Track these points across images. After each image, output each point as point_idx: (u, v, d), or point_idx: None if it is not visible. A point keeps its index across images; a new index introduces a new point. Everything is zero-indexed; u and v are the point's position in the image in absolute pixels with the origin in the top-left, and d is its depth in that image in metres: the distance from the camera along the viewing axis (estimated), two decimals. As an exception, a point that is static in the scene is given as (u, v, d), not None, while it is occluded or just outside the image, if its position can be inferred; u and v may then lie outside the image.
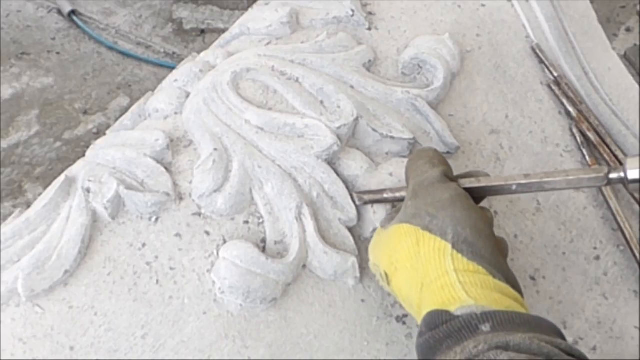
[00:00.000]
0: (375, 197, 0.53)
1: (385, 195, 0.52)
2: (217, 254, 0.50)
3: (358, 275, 0.51)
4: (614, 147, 0.64)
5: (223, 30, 0.76)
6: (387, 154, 0.57)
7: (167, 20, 1.58)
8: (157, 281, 0.50)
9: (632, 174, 0.44)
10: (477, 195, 0.49)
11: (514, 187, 0.48)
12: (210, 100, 0.55)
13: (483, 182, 0.49)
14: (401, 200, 0.51)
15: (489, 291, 0.41)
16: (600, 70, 0.70)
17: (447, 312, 0.40)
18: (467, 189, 0.48)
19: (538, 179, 0.47)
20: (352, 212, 0.53)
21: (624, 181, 0.44)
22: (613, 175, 0.45)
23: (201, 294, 0.50)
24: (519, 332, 0.38)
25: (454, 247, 0.43)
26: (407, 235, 0.45)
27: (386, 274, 0.47)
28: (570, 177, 0.46)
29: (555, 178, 0.47)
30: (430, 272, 0.43)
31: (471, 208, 0.45)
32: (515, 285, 0.43)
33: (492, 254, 0.43)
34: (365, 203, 0.53)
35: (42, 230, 0.50)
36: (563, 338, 0.41)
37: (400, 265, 0.45)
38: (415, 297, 0.44)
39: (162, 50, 1.51)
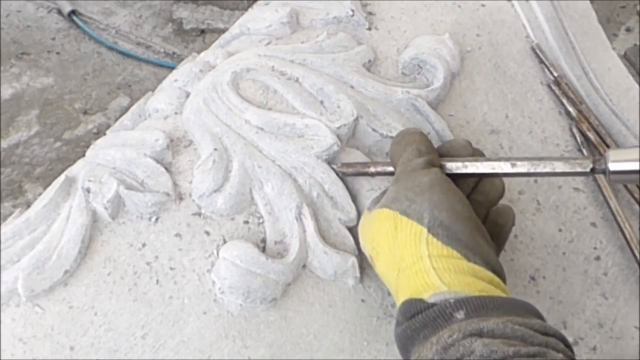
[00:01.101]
0: (358, 170, 0.53)
1: (370, 169, 0.52)
2: (217, 254, 0.50)
3: (358, 275, 0.51)
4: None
5: (223, 30, 0.76)
6: (387, 154, 0.57)
7: (167, 20, 1.58)
8: (157, 281, 0.50)
9: (613, 166, 0.44)
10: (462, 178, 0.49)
11: (499, 174, 0.48)
12: (210, 100, 0.55)
13: (469, 169, 0.48)
14: (383, 174, 0.51)
15: (462, 275, 0.41)
16: (600, 70, 0.70)
17: (421, 301, 0.41)
18: (451, 175, 0.48)
19: (525, 169, 0.47)
20: (352, 212, 0.53)
21: (605, 172, 0.45)
22: (596, 167, 0.45)
23: (201, 294, 0.50)
24: (492, 317, 0.38)
25: (429, 231, 0.43)
26: (387, 219, 0.45)
27: (370, 257, 0.48)
28: (557, 170, 0.46)
29: (542, 169, 0.47)
30: (406, 257, 0.43)
31: (450, 191, 0.45)
32: (494, 267, 0.44)
33: (470, 235, 0.43)
34: (346, 175, 0.53)
35: (42, 230, 0.50)
36: (539, 317, 0.41)
37: (381, 250, 0.46)
38: (393, 282, 0.45)
39: (162, 50, 1.51)
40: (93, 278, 0.49)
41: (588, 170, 0.45)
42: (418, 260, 0.42)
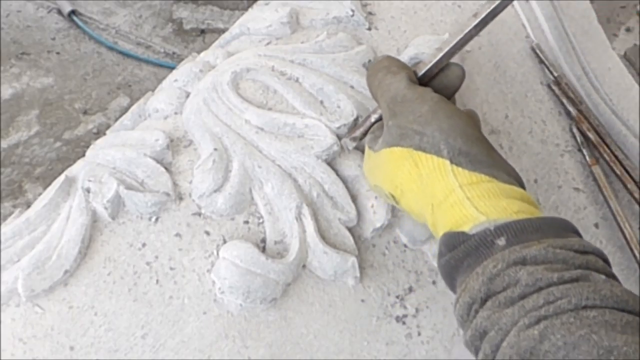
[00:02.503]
0: (364, 127, 0.52)
1: (370, 119, 0.52)
2: (217, 254, 0.50)
3: (358, 275, 0.51)
4: (614, 147, 0.64)
5: (223, 30, 0.76)
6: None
7: (167, 20, 1.58)
8: (157, 281, 0.50)
9: None
10: (440, 66, 0.48)
11: (472, 33, 0.48)
12: (210, 100, 0.55)
13: (445, 49, 0.48)
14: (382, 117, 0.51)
15: (496, 199, 0.41)
16: (600, 70, 0.70)
17: (462, 233, 0.41)
18: (429, 70, 0.47)
19: (487, 9, 0.47)
20: (352, 212, 0.53)
21: None
22: None
23: (201, 294, 0.50)
24: (533, 242, 0.39)
25: (452, 161, 0.43)
26: (403, 158, 0.45)
27: (392, 196, 0.48)
28: None
29: None
30: (437, 193, 0.43)
31: (454, 114, 0.45)
32: (516, 176, 0.44)
33: (488, 154, 0.44)
34: (357, 140, 0.53)
35: (42, 230, 0.50)
36: (576, 232, 0.42)
37: (406, 188, 0.46)
38: (429, 217, 0.45)
39: (162, 50, 1.51)
40: (93, 278, 0.49)
41: None
42: (451, 193, 0.43)
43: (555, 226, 0.41)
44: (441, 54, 0.48)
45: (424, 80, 0.49)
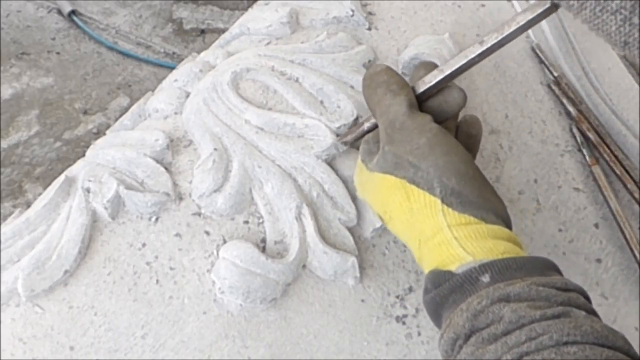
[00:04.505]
0: (356, 134, 0.52)
1: (365, 126, 0.51)
2: (217, 254, 0.50)
3: (358, 275, 0.51)
4: (613, 147, 0.64)
5: (223, 30, 0.76)
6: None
7: (167, 20, 1.58)
8: (157, 281, 0.50)
9: None
10: (439, 87, 0.48)
11: (475, 60, 0.47)
12: (210, 100, 0.55)
13: (446, 71, 0.47)
14: (377, 126, 0.50)
15: (483, 240, 0.42)
16: (600, 70, 0.70)
17: (448, 272, 0.42)
18: (429, 90, 0.47)
19: (494, 39, 0.46)
20: (352, 212, 0.53)
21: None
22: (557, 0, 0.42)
23: (201, 294, 0.50)
24: (517, 279, 0.40)
25: (443, 201, 0.43)
26: (395, 188, 0.45)
27: (381, 217, 0.49)
28: (522, 22, 0.44)
29: (508, 30, 0.45)
30: (425, 229, 0.44)
31: (451, 150, 0.45)
32: (504, 215, 0.45)
33: (480, 195, 0.44)
34: (348, 143, 0.53)
35: (42, 230, 0.50)
36: (557, 271, 0.43)
37: (395, 216, 0.46)
38: (415, 250, 0.46)
39: (162, 50, 1.51)
40: (93, 278, 0.49)
41: (549, 5, 0.43)
42: (438, 232, 0.43)
43: (538, 265, 0.42)
44: (442, 76, 0.47)
45: (423, 99, 0.48)
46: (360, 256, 0.52)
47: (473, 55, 0.47)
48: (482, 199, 0.44)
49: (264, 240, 0.52)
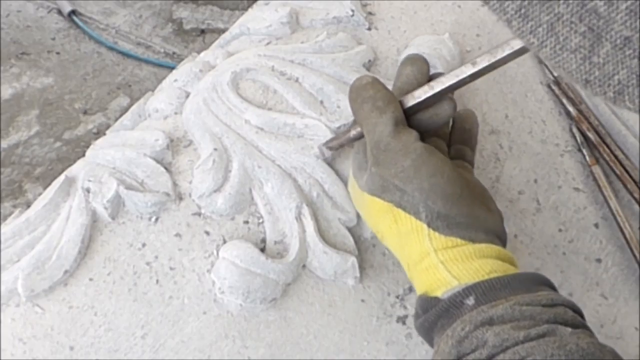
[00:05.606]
0: (341, 141, 0.52)
1: (351, 133, 0.50)
2: (217, 254, 0.50)
3: (358, 275, 0.51)
4: (613, 147, 0.63)
5: (223, 30, 0.76)
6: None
7: (167, 20, 1.58)
8: (157, 281, 0.50)
9: None
10: (427, 104, 0.48)
11: (466, 80, 0.47)
12: (210, 100, 0.55)
13: (436, 88, 0.47)
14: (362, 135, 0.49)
15: (469, 262, 0.42)
16: (600, 70, 0.70)
17: (436, 298, 0.42)
18: (417, 105, 0.47)
19: (486, 62, 0.46)
20: (352, 212, 0.53)
21: None
22: None
23: (201, 294, 0.50)
24: (501, 300, 0.39)
25: (429, 226, 0.43)
26: (384, 211, 0.45)
27: (375, 234, 0.49)
28: (516, 47, 0.45)
29: (502, 54, 0.45)
30: (413, 254, 0.44)
31: (437, 171, 0.44)
32: (496, 230, 0.44)
33: (468, 215, 0.43)
34: (333, 149, 0.53)
35: (42, 230, 0.50)
36: (547, 284, 0.43)
37: (386, 237, 0.47)
38: (406, 271, 0.46)
39: (162, 50, 1.51)
40: (93, 278, 0.49)
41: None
42: (425, 257, 0.43)
43: (524, 281, 0.41)
44: (432, 92, 0.47)
45: (410, 113, 0.48)
46: (360, 256, 0.52)
47: (464, 76, 0.47)
48: (470, 219, 0.43)
49: (264, 240, 0.52)
